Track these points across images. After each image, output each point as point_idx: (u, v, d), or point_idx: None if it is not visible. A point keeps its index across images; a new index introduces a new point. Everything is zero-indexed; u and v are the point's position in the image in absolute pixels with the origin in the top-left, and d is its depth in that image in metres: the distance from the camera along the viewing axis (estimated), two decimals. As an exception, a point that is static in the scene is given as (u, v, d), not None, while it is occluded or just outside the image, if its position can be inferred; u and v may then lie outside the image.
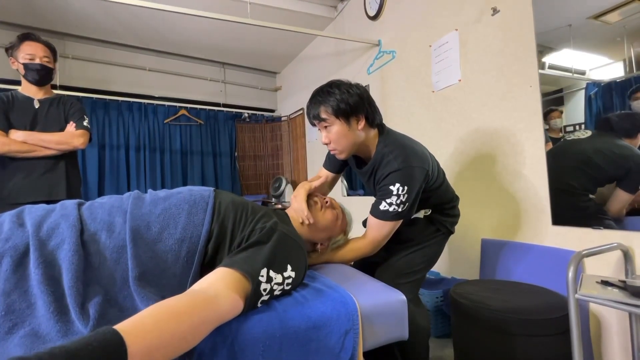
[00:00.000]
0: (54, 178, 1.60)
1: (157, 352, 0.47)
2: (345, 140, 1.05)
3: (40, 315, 0.58)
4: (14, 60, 1.58)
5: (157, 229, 0.72)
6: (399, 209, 1.03)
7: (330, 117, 1.03)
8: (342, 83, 1.05)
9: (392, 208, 1.03)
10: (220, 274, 0.65)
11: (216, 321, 0.58)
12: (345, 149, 1.08)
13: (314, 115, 1.06)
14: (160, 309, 0.52)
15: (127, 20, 2.89)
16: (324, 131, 1.07)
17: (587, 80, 1.27)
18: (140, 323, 0.48)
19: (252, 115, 4.04)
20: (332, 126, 1.04)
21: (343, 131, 1.04)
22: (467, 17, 1.74)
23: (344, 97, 1.01)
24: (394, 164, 1.02)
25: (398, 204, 1.02)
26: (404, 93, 2.21)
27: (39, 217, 0.69)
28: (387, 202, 1.03)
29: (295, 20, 2.88)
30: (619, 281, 0.95)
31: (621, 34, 1.17)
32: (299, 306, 0.72)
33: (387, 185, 1.02)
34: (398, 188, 1.01)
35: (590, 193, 1.25)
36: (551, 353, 1.01)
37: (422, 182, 1.05)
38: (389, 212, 1.04)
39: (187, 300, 0.55)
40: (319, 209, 1.04)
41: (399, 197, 1.02)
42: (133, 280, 0.65)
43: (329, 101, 1.02)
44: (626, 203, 1.16)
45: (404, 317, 0.84)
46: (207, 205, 0.79)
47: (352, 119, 1.04)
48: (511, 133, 1.53)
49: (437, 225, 1.24)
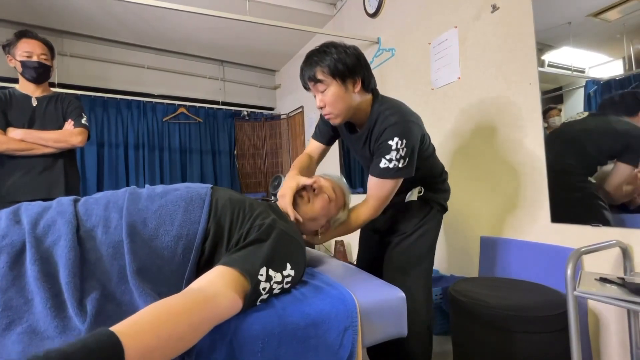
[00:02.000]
0: (53, 176, 1.59)
1: (155, 353, 0.46)
2: (341, 103, 1.02)
3: (38, 312, 0.58)
4: (11, 58, 1.57)
5: (154, 225, 0.72)
6: (399, 164, 1.00)
7: (327, 78, 0.99)
8: (338, 44, 1.01)
9: (392, 164, 1.00)
10: (219, 273, 0.65)
11: (215, 320, 0.58)
12: (341, 113, 1.04)
13: (309, 76, 1.01)
14: (158, 309, 0.51)
15: (125, 17, 2.87)
16: (318, 95, 1.03)
17: (586, 78, 1.27)
18: (137, 324, 0.47)
19: (251, 113, 4.04)
20: (328, 88, 1.00)
21: (339, 93, 1.00)
22: (466, 15, 1.74)
23: (341, 57, 0.98)
24: (391, 119, 1.01)
25: (398, 159, 1.00)
26: (403, 91, 2.21)
27: (35, 214, 0.69)
28: (387, 158, 1.00)
29: (294, 17, 2.87)
30: (617, 278, 0.95)
31: (621, 31, 1.17)
32: (297, 303, 0.72)
33: (386, 141, 1.00)
34: (397, 142, 0.99)
35: (589, 174, 1.23)
36: (550, 350, 1.01)
37: (418, 139, 1.05)
38: (390, 169, 1.01)
39: (186, 300, 0.55)
40: (306, 202, 1.01)
41: (398, 151, 0.99)
42: (132, 275, 0.65)
43: (325, 61, 0.98)
44: (627, 177, 1.13)
45: (402, 313, 0.84)
46: (204, 202, 0.78)
47: (349, 81, 1.01)
48: (510, 131, 1.53)
49: (431, 204, 1.23)
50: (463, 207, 1.78)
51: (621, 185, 1.15)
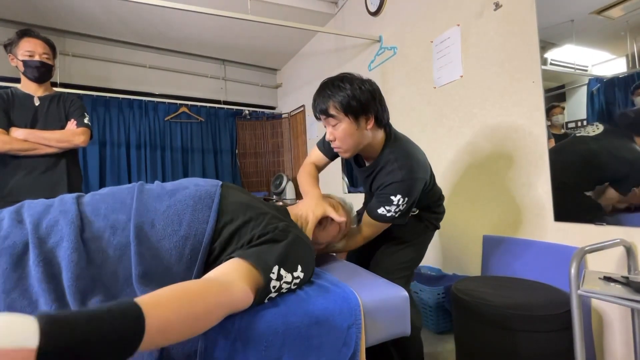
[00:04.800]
0: (55, 176, 1.59)
1: (172, 328, 0.47)
2: (351, 140, 1.01)
3: (42, 314, 0.58)
4: (12, 57, 1.57)
5: (161, 225, 0.71)
6: (396, 215, 1.07)
7: (339, 114, 0.98)
8: (354, 78, 0.99)
9: (389, 214, 1.06)
10: (234, 265, 0.65)
11: (228, 307, 0.58)
12: (350, 149, 1.04)
13: (321, 109, 1.00)
14: (177, 288, 0.52)
15: (127, 17, 2.88)
16: (329, 127, 1.02)
17: (589, 76, 1.26)
18: (159, 298, 0.48)
19: (253, 112, 4.04)
20: (340, 123, 0.99)
21: (350, 130, 0.99)
22: (469, 12, 1.73)
23: (356, 94, 0.95)
24: (398, 175, 1.02)
25: (396, 211, 1.06)
26: (405, 89, 2.21)
27: (38, 214, 0.68)
28: (386, 209, 1.06)
29: (295, 16, 2.87)
30: (621, 277, 0.95)
31: (624, 29, 1.16)
32: (301, 302, 0.71)
33: (388, 195, 1.04)
34: (399, 199, 1.03)
35: (587, 190, 1.26)
36: (553, 349, 1.01)
37: (420, 191, 1.08)
38: (386, 217, 1.07)
39: (202, 284, 0.56)
40: (321, 228, 1.02)
41: (398, 206, 1.05)
42: (136, 279, 0.65)
43: (338, 96, 0.96)
44: (615, 202, 1.19)
45: (405, 312, 0.83)
46: (213, 202, 0.77)
47: (362, 118, 0.98)
48: (513, 129, 1.53)
49: (425, 222, 1.26)
50: (465, 205, 1.77)
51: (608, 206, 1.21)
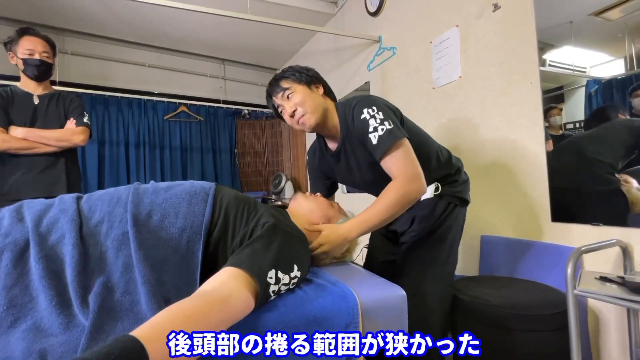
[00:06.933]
0: (54, 174, 1.60)
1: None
2: (310, 100, 1.05)
3: (42, 309, 0.58)
4: (12, 55, 1.57)
5: (158, 217, 0.73)
6: (386, 125, 0.96)
7: (292, 84, 1.06)
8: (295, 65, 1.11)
9: (380, 131, 0.96)
10: (229, 274, 0.64)
11: (231, 321, 0.57)
12: (313, 111, 1.04)
13: (275, 90, 1.07)
14: (176, 312, 0.50)
15: (126, 16, 2.87)
16: (287, 103, 1.06)
17: (587, 78, 1.27)
18: (158, 328, 0.46)
19: (252, 111, 4.03)
20: (295, 93, 1.05)
21: (306, 92, 1.06)
22: (468, 13, 1.74)
23: (299, 69, 1.09)
24: (352, 102, 1.06)
25: (380, 123, 0.96)
26: (404, 89, 2.21)
27: (38, 212, 0.69)
28: (371, 130, 0.97)
29: (295, 16, 2.86)
30: (617, 277, 0.95)
31: (622, 30, 1.17)
32: (299, 301, 0.72)
33: (359, 118, 1.00)
34: (367, 112, 0.99)
35: (614, 167, 1.17)
36: (549, 348, 1.02)
37: (386, 104, 1.04)
38: (383, 137, 0.95)
39: (202, 302, 0.54)
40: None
41: (374, 118, 0.97)
42: (137, 262, 0.65)
43: (287, 74, 1.07)
44: None
45: (403, 311, 0.84)
46: (208, 196, 0.79)
47: (312, 85, 1.08)
48: (511, 130, 1.53)
49: (447, 199, 1.14)
50: (464, 206, 1.78)
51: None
